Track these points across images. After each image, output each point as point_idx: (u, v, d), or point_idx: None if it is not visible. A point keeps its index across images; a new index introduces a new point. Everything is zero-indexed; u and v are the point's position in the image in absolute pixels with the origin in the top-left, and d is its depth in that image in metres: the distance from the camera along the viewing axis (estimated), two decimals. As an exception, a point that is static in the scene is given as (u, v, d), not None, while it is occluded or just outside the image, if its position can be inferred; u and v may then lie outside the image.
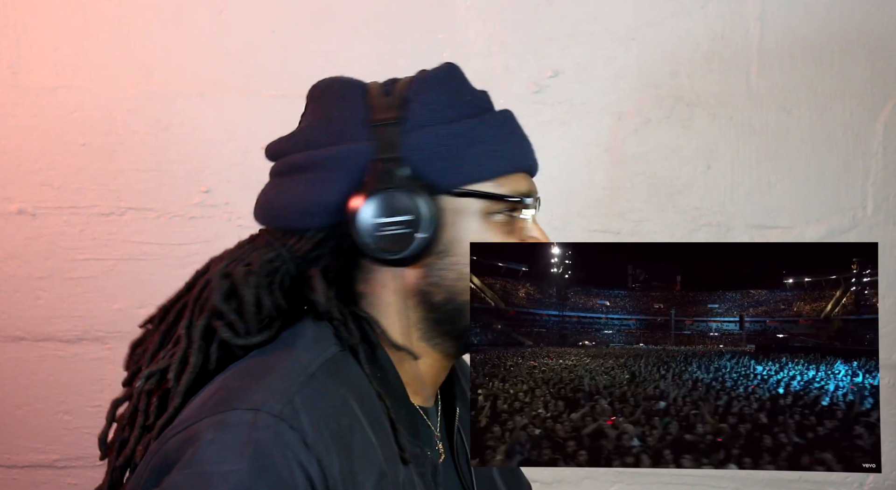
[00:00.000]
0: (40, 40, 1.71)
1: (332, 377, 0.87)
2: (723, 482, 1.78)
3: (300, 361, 0.86)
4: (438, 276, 0.93)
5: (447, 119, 0.93)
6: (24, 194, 1.73)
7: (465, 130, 0.93)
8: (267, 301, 0.92)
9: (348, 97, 0.95)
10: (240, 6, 1.70)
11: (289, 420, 0.79)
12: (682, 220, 1.73)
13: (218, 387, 0.85)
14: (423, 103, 0.93)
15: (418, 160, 0.91)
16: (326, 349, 0.89)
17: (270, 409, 0.79)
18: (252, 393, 0.82)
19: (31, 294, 1.75)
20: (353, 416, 0.85)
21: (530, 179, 0.99)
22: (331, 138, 0.94)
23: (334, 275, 0.95)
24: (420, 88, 0.94)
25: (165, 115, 1.71)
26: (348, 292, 0.96)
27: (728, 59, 1.70)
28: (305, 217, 0.93)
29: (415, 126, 0.92)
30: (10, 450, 1.79)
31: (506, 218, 0.95)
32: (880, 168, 1.71)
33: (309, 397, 0.82)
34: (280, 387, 0.82)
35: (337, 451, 0.80)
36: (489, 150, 0.94)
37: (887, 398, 1.75)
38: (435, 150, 0.92)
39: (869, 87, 1.70)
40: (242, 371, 0.87)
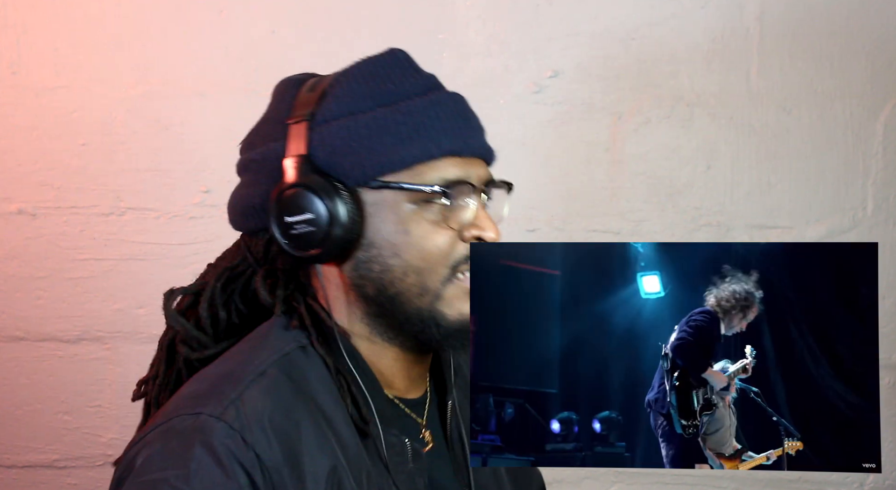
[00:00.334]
0: (40, 40, 1.71)
1: (284, 374, 0.88)
2: (723, 482, 1.78)
3: (253, 362, 0.88)
4: (364, 269, 0.92)
5: (357, 110, 0.92)
6: (24, 194, 1.73)
7: (372, 120, 0.91)
8: (222, 312, 0.95)
9: (282, 95, 0.97)
10: (240, 6, 1.70)
11: (230, 421, 0.82)
12: (682, 220, 1.73)
13: (175, 397, 0.89)
14: (335, 96, 0.93)
15: (324, 156, 0.91)
16: (284, 346, 0.91)
17: (212, 411, 0.82)
18: (199, 398, 0.85)
19: (31, 294, 1.75)
20: (304, 411, 0.86)
21: (469, 164, 0.94)
22: (261, 139, 0.96)
23: (286, 274, 0.96)
24: (338, 81, 0.94)
25: (165, 115, 1.71)
26: (304, 288, 0.96)
27: (728, 59, 1.70)
28: (245, 219, 0.96)
29: (322, 120, 0.92)
30: (10, 450, 1.79)
31: (439, 207, 0.91)
32: (880, 168, 1.71)
33: (254, 396, 0.85)
34: (226, 389, 0.85)
35: (281, 448, 0.82)
36: (399, 139, 0.91)
37: (887, 398, 1.75)
38: (340, 143, 0.91)
39: (869, 87, 1.70)
40: (199, 379, 0.90)
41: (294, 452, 0.83)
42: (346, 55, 1.00)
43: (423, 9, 1.69)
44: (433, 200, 0.91)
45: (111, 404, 1.77)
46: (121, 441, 1.79)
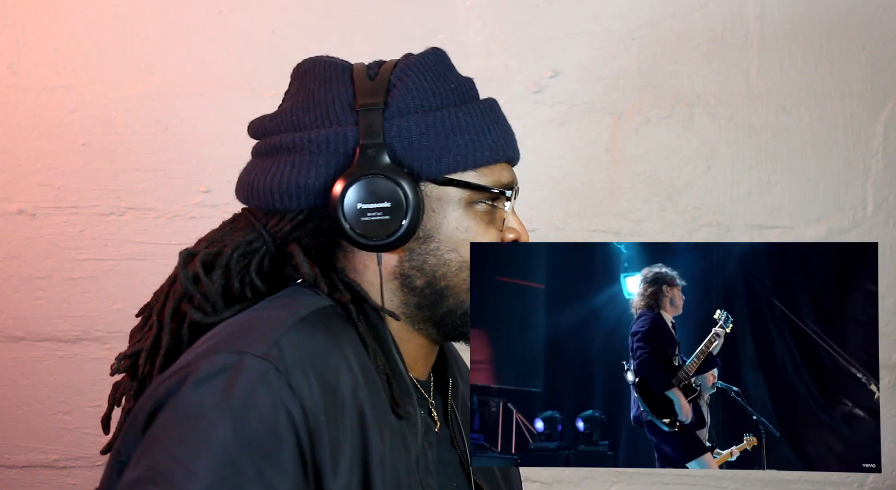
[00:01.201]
0: (40, 40, 1.71)
1: (323, 323, 0.88)
2: (723, 482, 1.78)
3: (292, 309, 0.88)
4: (420, 260, 0.94)
5: (431, 107, 0.94)
6: (24, 194, 1.73)
7: (448, 119, 0.94)
8: (236, 282, 0.93)
9: (333, 79, 0.96)
10: (240, 6, 1.70)
11: (274, 361, 0.81)
12: (682, 220, 1.73)
13: (208, 338, 0.87)
14: (408, 89, 0.94)
15: (401, 147, 0.92)
16: (321, 302, 0.91)
17: (256, 350, 0.81)
18: (240, 338, 0.83)
19: (31, 294, 1.75)
20: (342, 359, 0.86)
21: (511, 170, 1.00)
22: (316, 121, 0.94)
23: (315, 254, 0.96)
24: (405, 73, 0.95)
25: (165, 115, 1.71)
26: (336, 270, 0.97)
27: (728, 59, 1.70)
28: (287, 198, 0.93)
29: (398, 112, 0.93)
30: (10, 450, 1.79)
31: (487, 207, 0.95)
32: (880, 168, 1.71)
33: (296, 339, 0.84)
34: (267, 331, 0.84)
35: (322, 392, 0.82)
36: (472, 140, 0.94)
37: (887, 398, 1.75)
38: (418, 138, 0.92)
39: (869, 87, 1.70)
40: (233, 322, 0.88)
41: (333, 401, 0.83)
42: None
43: (423, 9, 1.70)
44: (485, 201, 0.95)
45: (111, 404, 1.77)
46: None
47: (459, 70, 1.01)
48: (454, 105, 0.95)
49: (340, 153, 0.92)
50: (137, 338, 0.98)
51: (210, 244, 0.97)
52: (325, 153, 0.92)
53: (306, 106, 0.96)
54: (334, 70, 0.97)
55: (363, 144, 0.91)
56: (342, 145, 0.92)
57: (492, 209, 0.96)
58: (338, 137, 0.92)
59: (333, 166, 0.92)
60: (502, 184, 0.96)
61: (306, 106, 0.96)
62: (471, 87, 1.00)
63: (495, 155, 0.95)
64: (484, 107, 0.97)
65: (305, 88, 0.98)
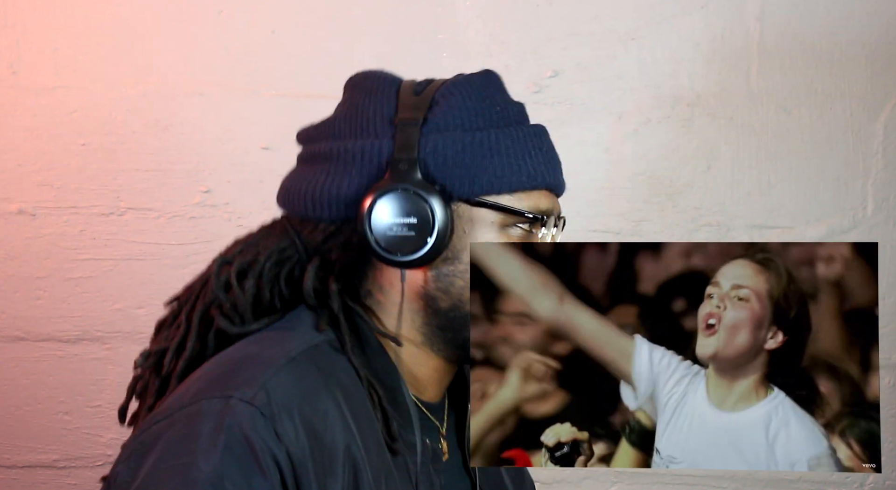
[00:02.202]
0: (40, 40, 1.71)
1: (314, 362, 0.87)
2: (723, 482, 1.78)
3: (283, 347, 0.87)
4: (447, 282, 0.92)
5: (471, 126, 0.92)
6: (24, 194, 1.73)
7: (486, 139, 0.92)
8: (266, 292, 0.92)
9: (379, 92, 0.95)
10: (240, 6, 1.70)
11: (260, 406, 0.79)
12: (682, 220, 1.73)
13: (199, 375, 0.86)
14: (450, 106, 0.92)
15: (435, 164, 0.90)
16: (315, 336, 0.89)
17: (242, 395, 0.80)
18: (228, 380, 0.82)
19: (31, 294, 1.75)
20: (331, 401, 0.85)
21: (553, 198, 0.98)
22: (354, 131, 0.93)
23: (341, 268, 0.94)
24: (449, 92, 0.93)
25: (165, 115, 1.71)
26: (354, 287, 0.96)
27: (728, 59, 1.70)
28: (319, 207, 0.92)
29: (436, 129, 0.91)
30: (10, 450, 1.79)
31: (523, 233, 0.94)
32: (880, 168, 1.71)
33: (284, 381, 0.83)
34: (255, 373, 0.83)
35: (308, 438, 0.81)
36: (510, 164, 0.92)
37: (887, 398, 1.75)
38: (453, 156, 0.91)
39: (869, 88, 1.70)
40: (224, 359, 0.87)
41: (320, 446, 0.82)
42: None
43: (423, 9, 1.69)
44: (521, 226, 0.93)
45: (111, 404, 1.77)
46: (120, 441, 1.78)
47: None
48: (496, 127, 0.94)
49: (374, 165, 0.91)
50: (164, 334, 0.97)
51: (244, 248, 0.96)
52: (359, 164, 0.91)
53: (348, 116, 0.95)
54: (382, 83, 0.96)
55: (396, 158, 0.90)
56: (376, 157, 0.91)
57: (528, 235, 0.94)
58: (373, 149, 0.91)
59: (366, 178, 0.91)
60: (539, 210, 0.94)
61: (348, 116, 0.95)
62: (519, 111, 0.98)
63: (533, 180, 0.94)
64: (528, 132, 0.96)
65: (351, 99, 0.97)
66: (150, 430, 0.81)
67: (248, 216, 1.71)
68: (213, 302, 0.93)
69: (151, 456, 0.79)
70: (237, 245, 0.97)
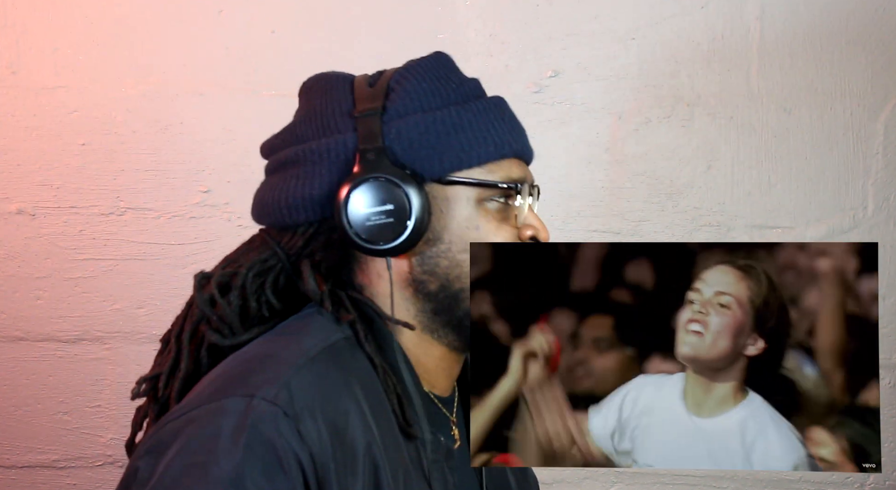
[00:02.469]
0: (40, 40, 1.71)
1: (333, 361, 0.86)
2: (723, 482, 1.78)
3: (301, 346, 0.86)
4: (432, 264, 0.93)
5: (430, 107, 0.93)
6: (23, 194, 1.73)
7: (448, 117, 0.92)
8: (253, 302, 0.92)
9: (333, 90, 0.96)
10: (240, 6, 1.70)
11: (283, 406, 0.79)
12: (682, 220, 1.73)
13: (216, 375, 0.85)
14: (405, 92, 0.93)
15: (402, 149, 0.91)
16: (331, 336, 0.89)
17: (265, 394, 0.79)
18: (249, 379, 0.82)
19: (31, 294, 1.75)
20: (352, 400, 0.84)
21: (524, 166, 0.98)
22: (316, 132, 0.94)
23: (328, 268, 0.94)
24: (403, 77, 0.94)
25: (165, 115, 1.71)
26: (344, 285, 0.95)
27: (728, 59, 1.70)
28: (294, 212, 0.93)
29: (396, 115, 0.92)
30: (10, 450, 1.79)
31: (500, 205, 0.94)
32: (880, 168, 1.71)
33: (306, 381, 0.82)
34: (277, 372, 0.82)
35: (331, 438, 0.80)
36: (475, 137, 0.93)
37: (887, 398, 1.75)
38: (418, 138, 0.91)
39: (869, 87, 1.70)
40: (242, 358, 0.87)
41: (342, 445, 0.81)
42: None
43: (423, 9, 1.69)
44: (497, 198, 0.93)
45: (111, 404, 1.77)
46: (120, 441, 1.79)
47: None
48: (455, 104, 0.94)
49: (342, 160, 0.91)
50: (157, 361, 0.97)
51: (226, 264, 0.96)
52: (326, 162, 0.92)
53: (308, 119, 0.96)
54: (335, 82, 0.97)
55: (362, 149, 0.90)
56: (342, 153, 0.91)
57: (505, 206, 0.94)
58: (338, 145, 0.92)
59: (336, 174, 0.91)
60: (512, 179, 0.94)
61: (308, 119, 0.96)
62: (475, 86, 0.99)
63: (500, 150, 0.94)
64: (488, 104, 0.96)
65: (308, 103, 0.98)
66: (168, 427, 0.80)
67: (248, 216, 1.70)
68: (201, 319, 0.93)
69: (170, 452, 0.78)
70: (218, 265, 0.98)
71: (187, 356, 0.92)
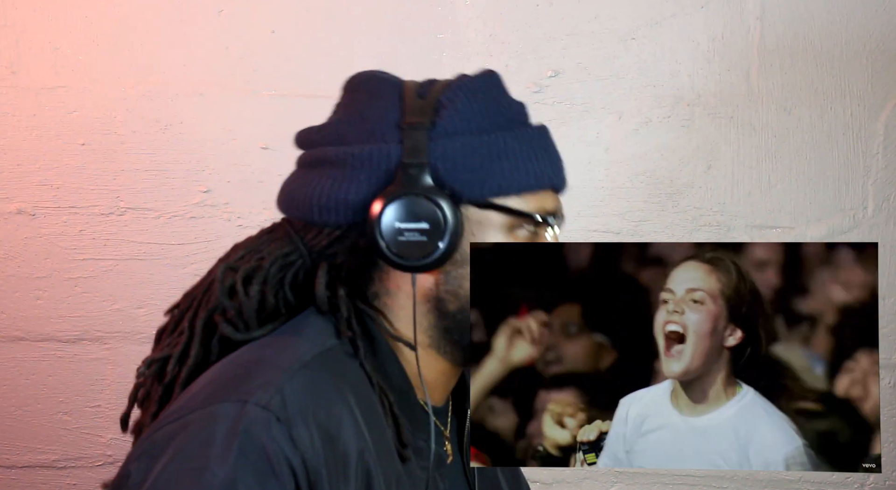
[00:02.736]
0: (40, 40, 1.71)
1: (327, 367, 0.86)
2: (723, 482, 1.78)
3: (296, 351, 0.86)
4: (456, 284, 0.92)
5: (479, 129, 0.92)
6: (23, 194, 1.73)
7: (494, 142, 0.92)
8: (271, 297, 0.92)
9: (383, 95, 0.94)
10: (240, 6, 1.70)
11: (276, 411, 0.79)
12: (682, 220, 1.73)
13: (211, 378, 0.85)
14: (456, 110, 0.92)
15: (445, 168, 0.90)
16: (326, 341, 0.89)
17: (258, 400, 0.79)
18: (242, 384, 0.81)
19: (31, 294, 1.75)
20: (345, 407, 0.84)
21: (557, 197, 0.98)
22: (361, 136, 0.93)
23: (347, 273, 0.94)
24: (455, 94, 0.93)
25: (165, 115, 1.71)
26: (361, 291, 0.95)
27: (728, 59, 1.70)
28: (326, 212, 0.92)
29: (444, 133, 0.91)
30: (10, 450, 1.79)
31: (529, 234, 0.94)
32: (881, 168, 1.71)
33: (299, 386, 0.82)
34: (271, 377, 0.82)
35: (323, 444, 0.80)
36: (517, 165, 0.92)
37: (887, 398, 1.75)
38: (462, 159, 0.90)
39: (869, 87, 1.70)
40: (237, 362, 0.86)
41: (334, 452, 0.81)
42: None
43: (423, 9, 1.69)
44: (528, 227, 0.93)
45: (111, 404, 1.77)
46: (120, 441, 1.79)
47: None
48: (503, 129, 0.94)
49: (383, 170, 0.90)
50: (167, 341, 0.96)
51: (246, 254, 0.95)
52: (367, 169, 0.90)
53: (353, 120, 0.94)
54: (385, 86, 0.95)
55: (406, 163, 0.89)
56: (385, 162, 0.90)
57: (534, 236, 0.94)
58: (381, 154, 0.90)
59: (374, 183, 0.90)
60: (546, 211, 0.94)
61: (353, 120, 0.94)
62: (521, 111, 0.98)
63: (540, 182, 0.94)
64: (534, 133, 0.96)
65: (354, 103, 0.96)
66: (162, 431, 0.80)
67: (248, 216, 1.72)
68: (217, 308, 0.92)
69: (164, 458, 0.78)
70: (237, 250, 0.97)
71: (198, 344, 0.92)
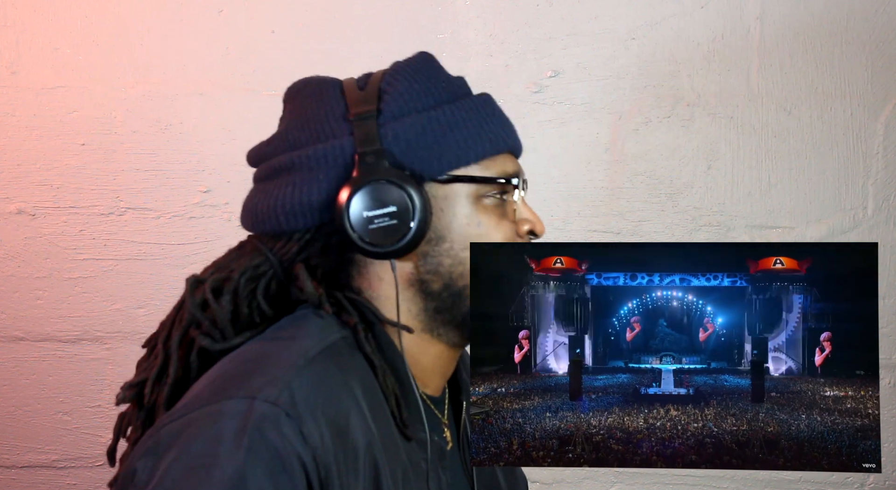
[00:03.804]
0: (40, 40, 1.71)
1: (332, 362, 0.86)
2: (723, 482, 1.78)
3: (300, 347, 0.86)
4: (435, 263, 0.93)
5: (423, 107, 0.93)
6: (23, 194, 1.73)
7: (443, 116, 0.93)
8: (244, 308, 0.92)
9: (324, 95, 0.95)
10: (240, 6, 1.70)
11: (285, 407, 0.78)
12: (682, 220, 1.73)
13: (214, 376, 0.85)
14: (399, 93, 0.93)
15: (400, 151, 0.91)
16: (328, 336, 0.89)
17: (267, 396, 0.79)
18: (249, 380, 0.81)
19: (31, 294, 1.75)
20: (352, 400, 0.84)
21: (515, 160, 0.99)
22: (311, 138, 0.93)
23: (323, 274, 0.94)
24: (394, 79, 0.94)
25: (165, 115, 1.71)
26: (344, 288, 0.95)
27: (728, 59, 1.70)
28: (292, 218, 0.92)
29: (391, 117, 0.92)
30: (10, 450, 1.79)
31: (496, 201, 0.94)
32: (881, 168, 1.71)
33: (307, 382, 0.82)
34: (278, 373, 0.81)
35: (332, 438, 0.80)
36: (470, 134, 0.93)
37: (887, 398, 1.75)
38: (414, 138, 0.91)
39: (869, 87, 1.70)
40: (239, 360, 0.86)
41: (343, 445, 0.81)
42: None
43: (423, 9, 1.70)
44: (493, 194, 0.94)
45: (110, 404, 1.77)
46: (120, 441, 1.79)
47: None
48: (447, 102, 0.94)
49: (340, 165, 0.91)
50: (142, 367, 0.96)
51: (216, 270, 0.95)
52: (324, 167, 0.91)
53: (300, 125, 0.95)
54: (324, 86, 0.96)
55: (361, 152, 0.90)
56: (340, 157, 0.91)
57: (501, 202, 0.95)
58: (335, 150, 0.91)
59: (335, 179, 0.91)
60: (507, 174, 0.95)
61: (300, 125, 0.95)
62: (462, 84, 0.99)
63: (496, 146, 0.95)
64: (478, 101, 0.97)
65: (298, 108, 0.97)
66: (166, 429, 0.79)
67: (248, 216, 1.71)
68: (191, 323, 0.92)
69: (169, 455, 0.77)
70: (208, 269, 0.97)
71: (176, 361, 0.91)
